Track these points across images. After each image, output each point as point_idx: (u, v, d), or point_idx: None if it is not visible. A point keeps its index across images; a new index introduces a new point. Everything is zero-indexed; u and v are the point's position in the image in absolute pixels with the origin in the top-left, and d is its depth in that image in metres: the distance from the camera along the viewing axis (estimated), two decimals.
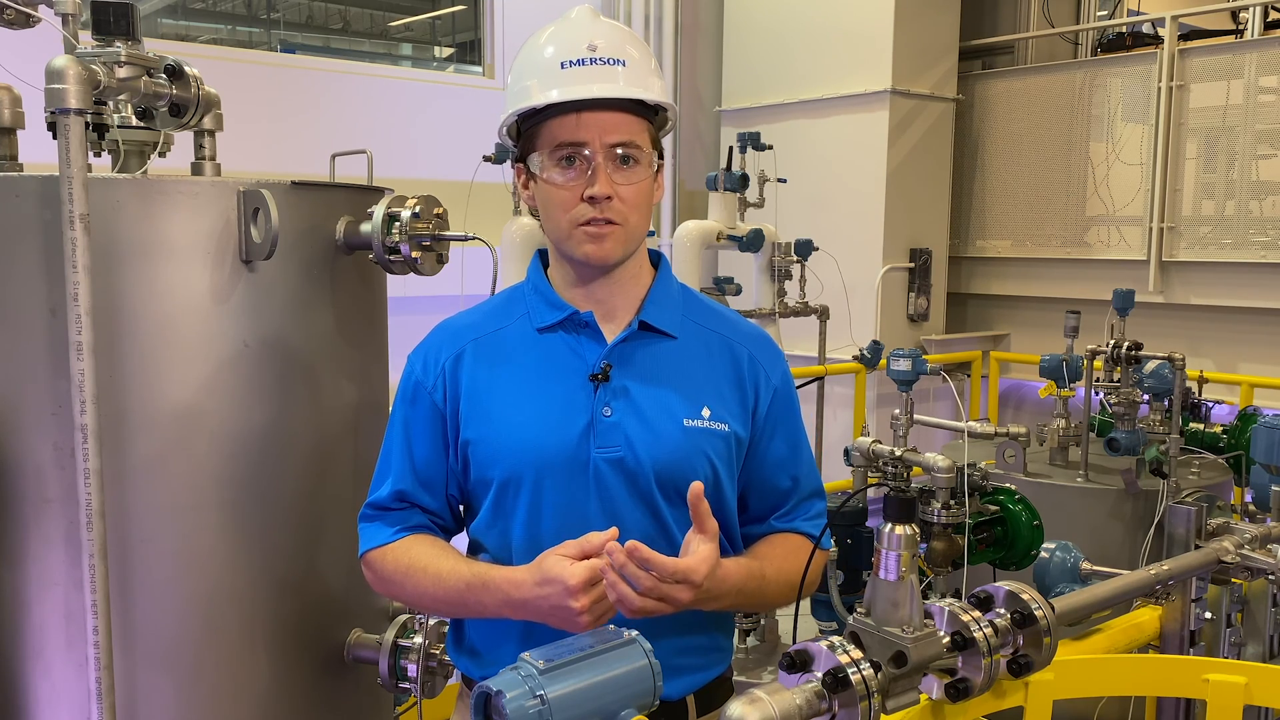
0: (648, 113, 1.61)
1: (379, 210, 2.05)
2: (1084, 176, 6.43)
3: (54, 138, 1.73)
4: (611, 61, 1.57)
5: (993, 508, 2.97)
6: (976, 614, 1.48)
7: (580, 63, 1.56)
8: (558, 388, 1.62)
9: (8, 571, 1.89)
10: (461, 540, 1.74)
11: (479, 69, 6.42)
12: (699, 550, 1.48)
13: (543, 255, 1.75)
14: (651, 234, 5.60)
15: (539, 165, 1.59)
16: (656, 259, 1.75)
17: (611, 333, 1.65)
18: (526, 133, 1.62)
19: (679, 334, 1.67)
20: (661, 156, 1.65)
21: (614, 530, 1.49)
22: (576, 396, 1.60)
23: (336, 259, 2.08)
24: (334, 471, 2.10)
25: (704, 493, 1.61)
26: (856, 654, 1.31)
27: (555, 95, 1.55)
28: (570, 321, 1.65)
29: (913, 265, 6.55)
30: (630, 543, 1.42)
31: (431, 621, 2.15)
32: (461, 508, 1.74)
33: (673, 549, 1.59)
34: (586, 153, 1.55)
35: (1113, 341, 3.90)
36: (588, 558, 1.46)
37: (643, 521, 1.60)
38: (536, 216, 1.69)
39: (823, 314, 5.52)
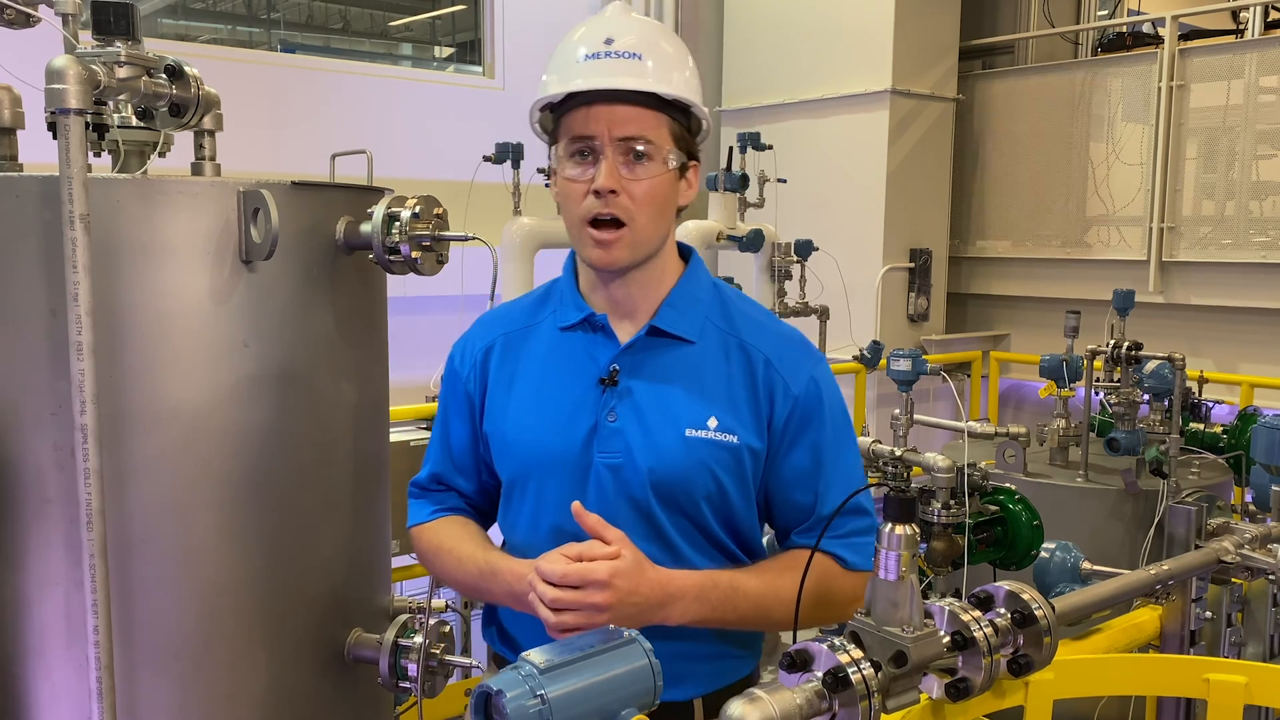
0: (670, 110, 1.56)
1: (379, 210, 2.05)
2: (1084, 176, 6.43)
3: (54, 138, 1.73)
4: (628, 55, 1.54)
5: (993, 508, 2.97)
6: (976, 614, 1.47)
7: (595, 56, 1.55)
8: (570, 389, 1.61)
9: (8, 571, 1.89)
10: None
11: (479, 69, 6.42)
12: (598, 551, 1.46)
13: None
14: None
15: (557, 159, 1.59)
16: (688, 254, 1.70)
17: (627, 335, 1.62)
18: (553, 127, 1.62)
19: (698, 338, 1.62)
20: (693, 157, 1.60)
21: (619, 535, 1.48)
22: (586, 399, 1.59)
23: (336, 259, 2.08)
24: (334, 471, 2.10)
25: (711, 506, 1.59)
26: (857, 653, 1.31)
27: (554, 86, 1.56)
28: (588, 322, 1.63)
29: (913, 265, 6.55)
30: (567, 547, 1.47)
31: (432, 621, 2.15)
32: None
33: (672, 557, 1.58)
34: (595, 145, 1.53)
35: (1113, 341, 3.90)
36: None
37: (639, 529, 1.57)
38: None
39: (823, 314, 5.51)
